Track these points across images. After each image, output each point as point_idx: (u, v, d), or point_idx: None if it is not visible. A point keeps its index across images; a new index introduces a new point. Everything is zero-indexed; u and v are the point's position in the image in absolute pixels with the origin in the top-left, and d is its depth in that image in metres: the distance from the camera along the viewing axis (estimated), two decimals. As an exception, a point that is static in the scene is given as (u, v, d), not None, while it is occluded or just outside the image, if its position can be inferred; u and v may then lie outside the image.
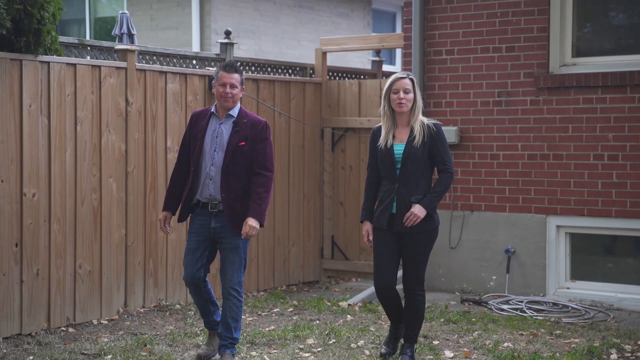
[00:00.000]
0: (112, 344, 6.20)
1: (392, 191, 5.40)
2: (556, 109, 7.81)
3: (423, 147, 5.35)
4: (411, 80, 5.41)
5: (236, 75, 5.60)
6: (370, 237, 5.53)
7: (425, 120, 5.43)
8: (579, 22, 7.90)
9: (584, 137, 7.69)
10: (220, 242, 5.62)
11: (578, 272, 7.86)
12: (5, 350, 6.02)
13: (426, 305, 7.49)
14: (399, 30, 15.69)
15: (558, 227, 7.84)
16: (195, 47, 12.14)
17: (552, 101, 7.84)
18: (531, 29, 7.90)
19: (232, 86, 5.57)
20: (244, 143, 5.55)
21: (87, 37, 12.98)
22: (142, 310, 7.33)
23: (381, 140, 5.43)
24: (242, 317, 7.18)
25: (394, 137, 5.42)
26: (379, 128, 5.51)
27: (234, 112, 5.63)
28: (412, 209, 5.31)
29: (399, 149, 5.39)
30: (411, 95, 5.38)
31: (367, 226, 5.55)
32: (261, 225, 5.58)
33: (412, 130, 5.39)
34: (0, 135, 6.29)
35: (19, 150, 6.42)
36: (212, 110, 5.68)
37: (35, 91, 6.52)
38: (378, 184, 5.53)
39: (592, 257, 7.91)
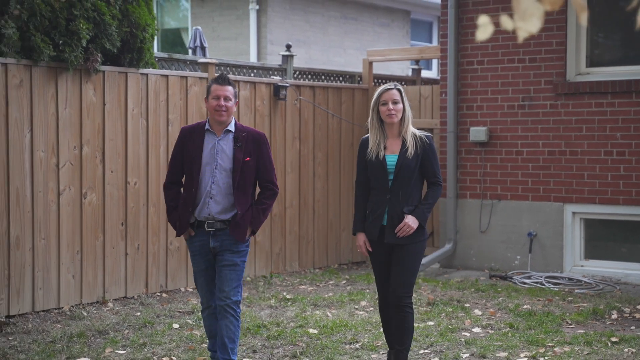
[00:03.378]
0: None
1: (383, 202, 5.22)
2: (572, 112, 9.06)
3: (416, 158, 5.20)
4: (399, 90, 5.24)
5: (229, 88, 5.26)
6: (369, 247, 5.33)
7: (417, 132, 5.30)
8: (592, 37, 9.14)
9: (596, 136, 8.93)
10: (219, 260, 5.32)
11: (591, 252, 9.10)
12: (117, 308, 7.46)
13: (459, 280, 8.84)
14: (435, 37, 16.98)
15: (574, 213, 9.09)
16: (253, 56, 13.54)
17: (569, 105, 9.08)
18: (550, 43, 9.15)
19: (226, 99, 5.23)
20: (249, 158, 5.28)
21: (155, 48, 14.43)
22: (219, 281, 8.71)
23: (371, 152, 5.26)
24: (303, 287, 8.57)
25: (385, 148, 5.25)
26: (368, 139, 5.33)
27: (231, 126, 5.30)
28: (406, 220, 5.14)
29: (391, 160, 5.22)
30: (400, 105, 5.20)
31: (362, 237, 5.33)
32: (253, 234, 5.43)
33: (404, 142, 5.23)
34: (110, 134, 7.72)
35: (124, 147, 7.85)
36: (206, 126, 5.33)
37: (137, 98, 7.94)
38: (368, 194, 5.35)
39: (603, 239, 9.14)
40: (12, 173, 7.00)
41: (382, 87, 5.28)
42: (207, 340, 5.66)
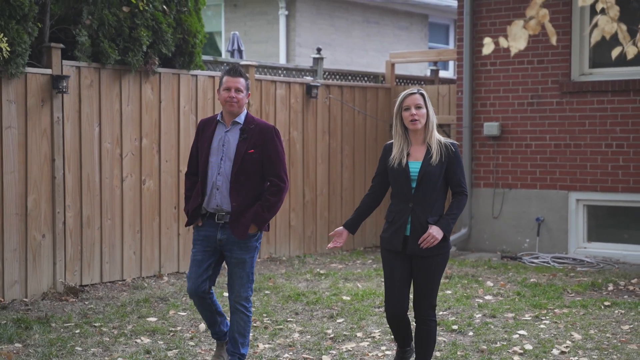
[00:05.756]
0: (246, 278, 8.64)
1: (405, 211, 4.98)
2: (576, 109, 10.02)
3: (440, 166, 4.98)
4: (421, 95, 5.03)
5: (241, 80, 5.26)
6: (338, 240, 5.12)
7: (442, 139, 5.07)
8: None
9: (597, 130, 9.89)
10: (227, 256, 5.34)
11: (593, 235, 10.06)
12: (172, 281, 8.51)
13: (473, 260, 9.82)
14: (451, 39, 17.97)
15: (577, 200, 10.06)
16: (282, 58, 14.59)
17: (573, 102, 10.05)
18: (557, 47, 10.11)
19: (237, 90, 5.24)
20: (253, 150, 5.23)
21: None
22: (258, 260, 9.76)
23: (394, 159, 5.04)
24: (334, 265, 9.59)
25: (408, 155, 5.03)
26: (392, 144, 5.12)
27: (240, 118, 5.31)
28: (430, 230, 4.89)
29: (414, 167, 5.00)
30: (423, 110, 4.99)
31: (342, 232, 5.14)
32: (262, 231, 5.36)
33: (428, 149, 5.01)
34: (165, 128, 8.77)
35: (177, 139, 8.89)
36: (217, 118, 5.39)
37: (187, 96, 8.98)
38: (376, 199, 5.19)
39: (604, 223, 10.10)
40: (84, 162, 8.07)
41: (405, 92, 5.06)
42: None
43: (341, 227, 5.19)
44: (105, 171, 8.24)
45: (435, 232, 4.88)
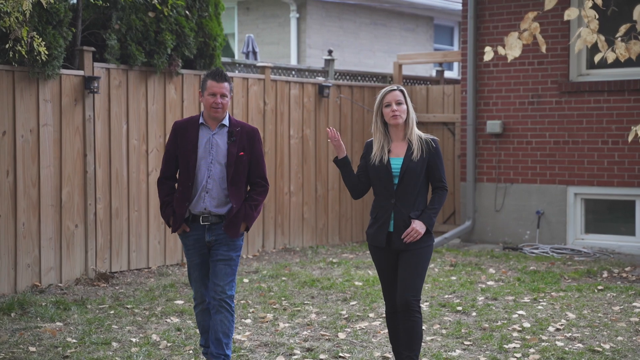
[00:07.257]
0: (263, 266, 9.22)
1: (388, 207, 5.06)
2: (574, 107, 10.58)
3: (422, 162, 5.06)
4: (401, 91, 5.10)
5: (226, 84, 5.25)
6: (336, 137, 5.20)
7: (423, 135, 5.15)
8: (591, 43, 10.64)
9: (594, 128, 10.45)
10: (213, 254, 5.35)
11: (590, 227, 10.62)
12: (195, 268, 9.09)
13: (477, 250, 10.38)
14: (456, 41, 18.53)
15: (575, 194, 10.61)
16: (293, 59, 15.17)
17: (571, 102, 10.61)
18: (556, 49, 10.68)
19: (223, 96, 5.23)
20: (243, 153, 5.29)
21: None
22: (274, 250, 10.34)
23: (374, 156, 5.10)
24: (345, 255, 10.16)
25: (389, 151, 5.08)
26: (372, 142, 5.18)
27: (226, 120, 5.33)
28: (413, 225, 5.01)
29: (396, 163, 5.06)
30: (404, 106, 5.06)
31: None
32: (248, 230, 5.46)
33: (409, 145, 5.08)
34: (187, 126, 9.34)
35: (198, 136, 9.46)
36: (200, 120, 5.33)
37: (208, 96, 9.55)
38: (363, 186, 5.26)
39: (600, 216, 10.65)
40: (113, 157, 8.65)
41: (385, 89, 5.14)
42: (200, 336, 5.66)
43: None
44: (132, 166, 8.81)
45: (418, 226, 5.00)
